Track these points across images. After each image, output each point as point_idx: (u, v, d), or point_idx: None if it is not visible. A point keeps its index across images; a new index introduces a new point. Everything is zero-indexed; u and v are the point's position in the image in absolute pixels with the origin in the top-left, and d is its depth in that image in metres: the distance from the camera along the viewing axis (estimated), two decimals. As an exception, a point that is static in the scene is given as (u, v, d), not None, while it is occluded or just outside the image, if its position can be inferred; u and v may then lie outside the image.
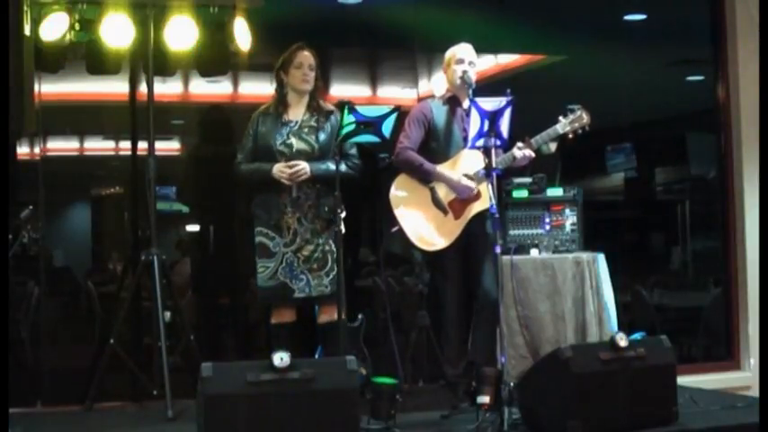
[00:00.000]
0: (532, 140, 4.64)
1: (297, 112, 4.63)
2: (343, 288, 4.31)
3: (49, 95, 5.35)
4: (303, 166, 4.47)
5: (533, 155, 4.65)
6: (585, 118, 4.66)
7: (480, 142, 4.29)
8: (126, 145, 5.55)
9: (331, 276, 4.48)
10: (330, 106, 4.66)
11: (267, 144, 4.56)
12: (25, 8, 4.04)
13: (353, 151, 4.61)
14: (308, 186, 4.52)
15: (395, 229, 4.62)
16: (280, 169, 4.49)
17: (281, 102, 4.63)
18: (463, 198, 4.60)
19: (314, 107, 4.63)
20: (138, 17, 4.80)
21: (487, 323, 4.53)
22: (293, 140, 4.56)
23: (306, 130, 4.60)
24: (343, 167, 4.44)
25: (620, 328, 4.78)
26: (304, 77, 4.58)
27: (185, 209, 5.98)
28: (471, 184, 4.58)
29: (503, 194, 5.00)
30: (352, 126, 4.22)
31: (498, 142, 4.28)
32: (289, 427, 3.60)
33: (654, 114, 7.24)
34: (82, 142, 6.18)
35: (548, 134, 4.66)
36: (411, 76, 6.43)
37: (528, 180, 5.17)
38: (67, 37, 4.81)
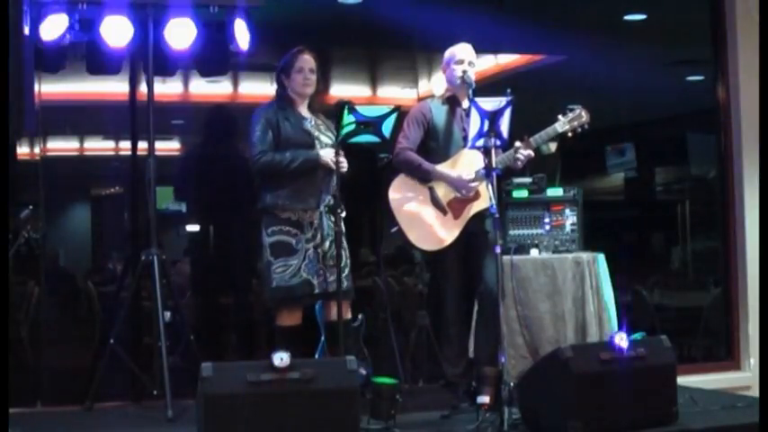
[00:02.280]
0: (531, 139, 4.63)
1: (304, 112, 4.65)
2: (342, 288, 4.33)
3: (49, 95, 5.35)
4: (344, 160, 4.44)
5: (532, 154, 4.64)
6: (585, 117, 4.66)
7: (480, 142, 4.30)
8: (126, 145, 5.54)
9: (346, 273, 4.46)
10: (321, 107, 4.70)
11: (293, 136, 4.50)
12: (25, 8, 4.04)
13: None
14: (327, 181, 4.52)
15: (394, 229, 4.62)
16: (331, 155, 4.42)
17: (284, 101, 4.63)
18: (463, 196, 4.60)
19: (314, 108, 4.66)
20: (138, 17, 4.80)
21: (488, 323, 4.52)
22: (318, 134, 4.57)
23: (322, 127, 4.63)
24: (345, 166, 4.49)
25: (620, 328, 4.78)
26: (305, 81, 4.59)
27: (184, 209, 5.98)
28: (471, 180, 4.57)
29: (503, 194, 5.00)
30: (352, 126, 4.23)
31: (498, 142, 4.28)
32: (289, 427, 3.60)
33: (654, 114, 7.24)
34: (82, 142, 6.18)
35: (546, 133, 4.65)
36: (411, 76, 6.44)
37: (528, 180, 5.17)
38: (67, 37, 4.80)
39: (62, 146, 6.02)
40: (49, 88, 5.31)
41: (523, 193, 5.17)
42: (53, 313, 5.61)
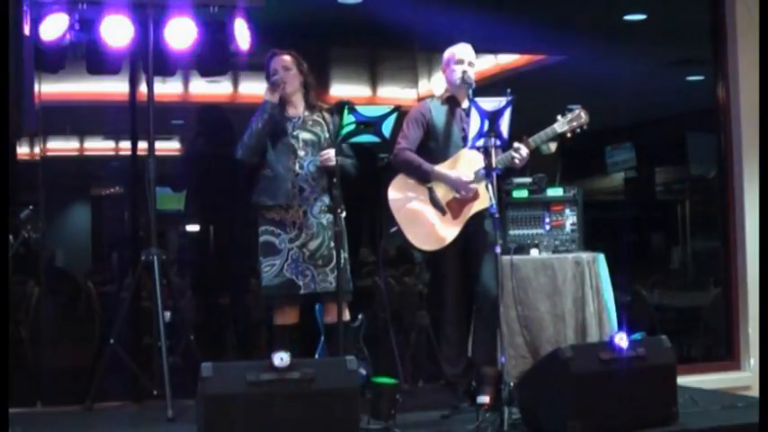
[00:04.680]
0: (530, 140, 4.63)
1: (296, 110, 4.66)
2: (345, 287, 4.33)
3: (49, 95, 5.35)
4: (331, 153, 4.43)
5: (524, 155, 4.60)
6: (584, 117, 4.65)
7: (480, 142, 4.30)
8: (126, 145, 5.54)
9: (336, 273, 4.46)
10: (324, 104, 4.70)
11: (274, 132, 4.54)
12: (25, 8, 4.04)
13: (349, 151, 4.62)
14: (314, 178, 4.52)
15: (393, 228, 4.62)
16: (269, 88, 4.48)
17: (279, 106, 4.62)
18: (462, 196, 4.59)
19: (311, 104, 4.66)
20: (138, 17, 4.80)
21: (488, 323, 4.52)
22: (299, 132, 4.58)
23: (310, 123, 4.63)
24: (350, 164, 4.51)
25: (620, 328, 4.78)
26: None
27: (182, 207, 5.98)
28: (470, 180, 4.57)
29: (503, 194, 5.00)
30: (352, 126, 4.23)
31: (498, 142, 4.28)
32: (289, 427, 3.60)
33: (654, 114, 7.25)
34: (82, 142, 6.18)
35: (546, 134, 4.65)
36: (411, 76, 6.44)
37: (528, 180, 5.17)
38: (67, 37, 4.81)
39: (62, 146, 6.02)
40: (49, 88, 5.31)
41: (523, 193, 5.17)
42: (53, 313, 5.61)
